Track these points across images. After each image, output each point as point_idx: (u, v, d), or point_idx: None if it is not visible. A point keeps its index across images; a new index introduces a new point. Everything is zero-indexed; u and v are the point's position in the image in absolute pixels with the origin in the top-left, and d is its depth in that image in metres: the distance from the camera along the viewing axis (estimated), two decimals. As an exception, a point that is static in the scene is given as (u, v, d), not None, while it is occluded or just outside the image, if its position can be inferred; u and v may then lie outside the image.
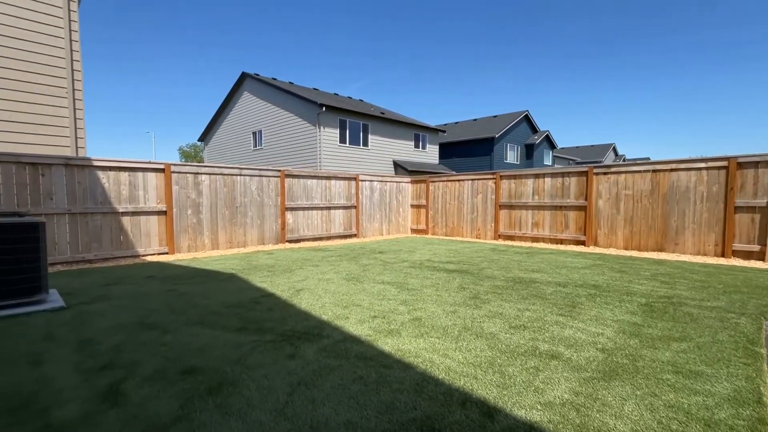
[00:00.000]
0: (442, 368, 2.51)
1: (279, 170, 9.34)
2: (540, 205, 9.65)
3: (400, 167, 21.65)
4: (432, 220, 12.24)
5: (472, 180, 11.11)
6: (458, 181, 11.47)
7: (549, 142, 34.17)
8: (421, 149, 23.91)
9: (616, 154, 51.64)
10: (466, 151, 30.27)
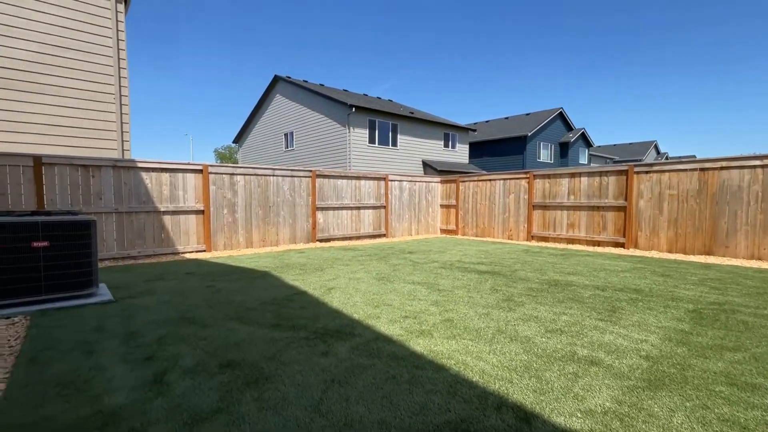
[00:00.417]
0: (476, 371, 2.47)
1: (310, 170, 9.51)
2: (576, 206, 9.30)
3: (429, 167, 21.49)
4: (462, 221, 12.07)
5: (503, 179, 10.87)
6: (489, 180, 11.25)
7: (585, 140, 32.89)
8: (450, 149, 23.64)
9: (658, 152, 49.00)
10: (498, 150, 29.65)
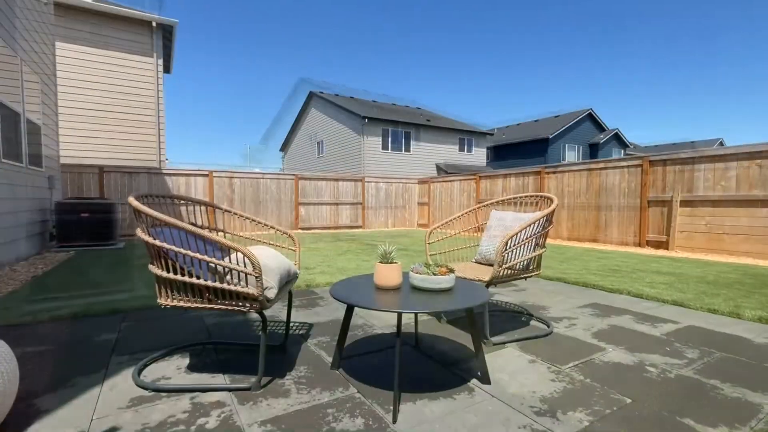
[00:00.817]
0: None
1: (294, 174, 12.26)
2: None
3: (442, 170, 23.26)
4: (432, 216, 14.05)
5: (460, 180, 12.71)
6: (450, 182, 13.14)
7: (619, 140, 32.05)
8: (466, 152, 25.15)
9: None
10: (519, 152, 30.36)
